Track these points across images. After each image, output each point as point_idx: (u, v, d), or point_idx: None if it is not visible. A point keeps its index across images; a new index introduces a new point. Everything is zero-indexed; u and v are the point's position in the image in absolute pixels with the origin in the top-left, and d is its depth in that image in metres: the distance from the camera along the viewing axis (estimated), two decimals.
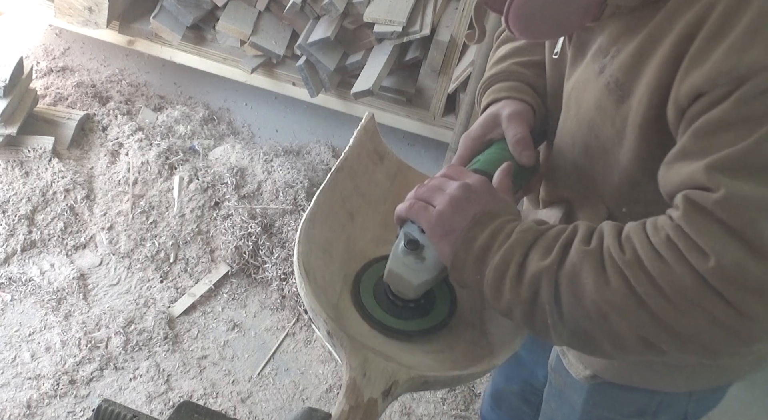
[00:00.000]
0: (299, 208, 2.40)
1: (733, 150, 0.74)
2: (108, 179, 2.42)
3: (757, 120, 0.73)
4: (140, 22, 2.67)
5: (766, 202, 0.72)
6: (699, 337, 0.75)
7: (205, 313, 2.25)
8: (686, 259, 0.74)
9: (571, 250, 0.81)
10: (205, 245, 2.35)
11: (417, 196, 0.93)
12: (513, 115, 1.05)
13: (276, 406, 2.08)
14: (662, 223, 0.78)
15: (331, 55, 2.53)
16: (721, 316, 0.73)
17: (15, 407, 1.92)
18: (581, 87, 0.96)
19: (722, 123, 0.75)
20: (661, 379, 1.12)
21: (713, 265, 0.72)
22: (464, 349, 0.98)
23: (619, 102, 0.88)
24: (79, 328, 2.10)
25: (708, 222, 0.74)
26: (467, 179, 0.92)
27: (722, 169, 0.74)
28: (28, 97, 2.45)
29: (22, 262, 2.22)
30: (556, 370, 1.28)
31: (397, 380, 0.87)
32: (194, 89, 2.91)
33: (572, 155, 1.01)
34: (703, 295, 0.73)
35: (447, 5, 2.63)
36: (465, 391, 2.18)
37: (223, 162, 2.51)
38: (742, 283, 0.72)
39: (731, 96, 0.74)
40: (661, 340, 0.77)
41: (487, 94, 1.14)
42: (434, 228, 0.89)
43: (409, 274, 0.95)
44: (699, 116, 0.77)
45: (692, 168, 0.77)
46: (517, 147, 1.02)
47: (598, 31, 0.93)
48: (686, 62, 0.79)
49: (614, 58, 0.88)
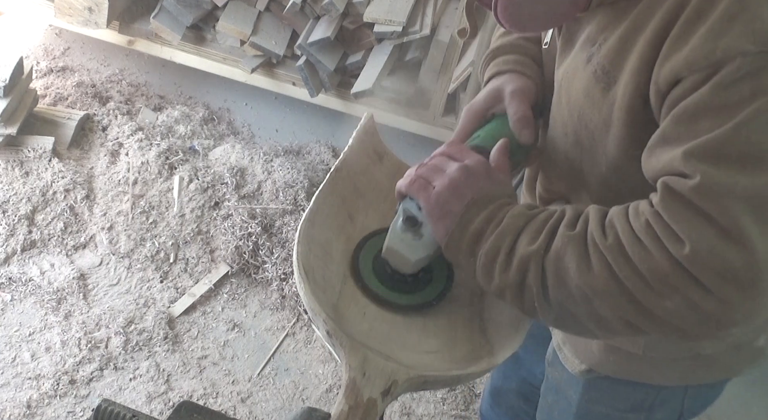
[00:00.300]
0: (299, 208, 2.40)
1: (709, 137, 0.75)
2: (108, 179, 2.42)
3: (734, 107, 0.74)
4: (140, 22, 2.68)
5: (741, 189, 0.73)
6: (677, 321, 0.77)
7: (205, 313, 2.25)
8: (664, 245, 0.75)
9: (556, 235, 0.83)
10: (205, 245, 2.35)
11: (418, 174, 0.94)
12: (516, 91, 1.05)
13: (276, 406, 2.08)
14: (643, 208, 0.79)
15: (331, 55, 2.53)
16: (698, 301, 0.74)
17: (15, 407, 1.92)
18: (570, 76, 0.96)
19: (700, 109, 0.76)
20: (655, 373, 1.13)
21: (688, 251, 0.73)
22: (464, 348, 0.98)
23: (606, 89, 0.89)
24: (79, 328, 2.10)
25: (684, 208, 0.75)
26: (466, 160, 0.94)
27: (699, 156, 0.75)
28: (28, 97, 2.45)
29: (22, 262, 2.22)
30: (552, 364, 1.28)
31: (397, 380, 0.87)
32: (194, 89, 2.91)
33: (565, 146, 1.02)
34: (680, 281, 0.74)
35: (447, 5, 2.63)
36: (465, 391, 2.18)
37: (223, 162, 2.51)
38: (717, 268, 0.73)
39: (708, 81, 0.75)
40: (641, 323, 0.79)
41: (491, 66, 1.14)
42: (432, 209, 0.91)
43: (406, 251, 0.97)
44: (678, 101, 0.78)
45: (671, 154, 0.78)
46: (517, 124, 1.03)
47: (586, 21, 0.93)
48: (666, 47, 0.79)
49: (601, 46, 0.89)
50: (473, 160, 0.94)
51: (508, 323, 0.99)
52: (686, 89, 0.77)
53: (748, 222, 0.72)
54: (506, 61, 1.12)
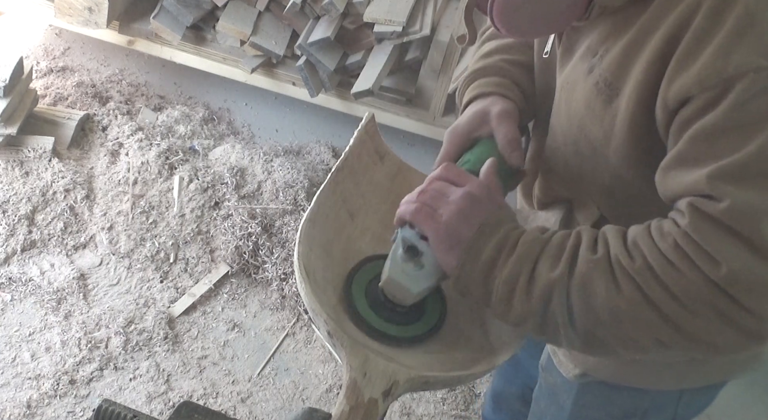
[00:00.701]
0: (299, 208, 2.40)
1: (733, 159, 0.75)
2: (108, 179, 2.42)
3: (753, 125, 0.74)
4: (140, 22, 2.67)
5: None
6: (713, 338, 0.77)
7: (205, 313, 2.25)
8: (697, 266, 0.75)
9: (578, 260, 0.81)
10: (205, 245, 2.35)
11: (422, 201, 0.91)
12: (503, 113, 1.04)
13: (276, 406, 2.08)
14: (669, 229, 0.79)
15: (331, 55, 2.53)
16: (736, 318, 0.75)
17: (15, 407, 1.92)
18: (570, 87, 0.96)
19: (718, 129, 0.76)
20: (650, 377, 1.12)
21: (725, 271, 0.74)
22: (465, 349, 0.98)
23: (608, 102, 0.88)
24: (79, 328, 2.10)
25: (715, 230, 0.75)
26: (468, 186, 0.91)
27: (725, 178, 0.75)
28: (28, 97, 2.45)
29: (22, 262, 2.22)
30: (546, 369, 1.28)
31: (398, 380, 0.87)
32: (194, 89, 2.91)
33: (564, 155, 1.01)
34: (717, 300, 0.75)
35: (447, 5, 2.63)
36: (465, 391, 2.18)
37: (223, 162, 2.51)
38: (754, 286, 0.74)
39: (723, 100, 0.75)
40: (673, 341, 0.79)
41: (471, 88, 1.12)
42: (441, 239, 0.89)
43: (408, 282, 0.94)
44: (692, 121, 0.78)
45: (694, 176, 0.77)
46: (507, 147, 1.02)
47: (587, 31, 0.92)
48: (673, 64, 0.79)
49: (603, 57, 0.88)
50: (475, 186, 0.91)
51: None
52: (699, 108, 0.77)
53: None
54: (488, 83, 1.10)
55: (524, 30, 0.91)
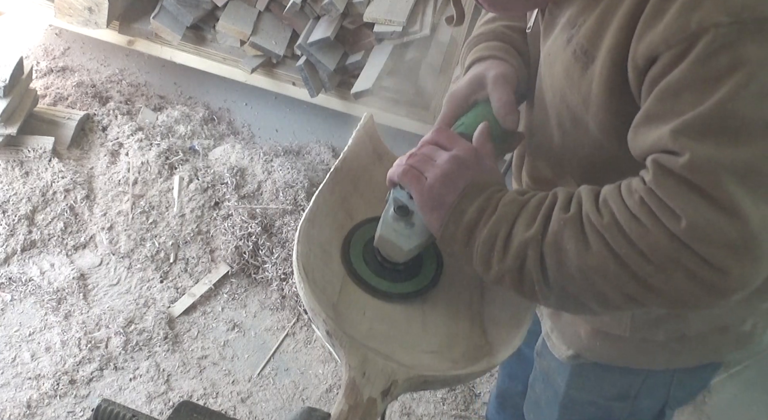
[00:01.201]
0: (299, 208, 2.40)
1: (694, 113, 0.76)
2: (108, 179, 2.42)
3: (714, 80, 0.75)
4: (140, 22, 2.67)
5: (730, 162, 0.74)
6: (679, 293, 0.78)
7: (205, 313, 2.25)
8: (660, 221, 0.77)
9: (552, 219, 0.84)
10: (205, 245, 2.35)
11: (409, 164, 0.95)
12: (498, 77, 1.05)
13: (276, 406, 2.08)
14: (635, 186, 0.80)
15: (331, 55, 2.53)
16: (698, 272, 0.76)
17: (15, 407, 1.93)
18: (552, 59, 0.97)
19: (681, 85, 0.77)
20: (642, 356, 1.14)
21: (685, 225, 0.75)
22: (463, 348, 0.98)
23: (584, 68, 0.89)
24: (79, 328, 2.10)
25: (677, 185, 0.76)
26: (456, 149, 0.94)
27: (686, 133, 0.76)
28: (28, 97, 2.45)
29: (22, 262, 2.23)
30: (541, 354, 1.29)
31: (397, 380, 0.87)
32: (194, 89, 2.91)
33: (548, 130, 1.02)
34: (680, 254, 0.76)
35: (447, 5, 2.63)
36: (465, 391, 2.18)
37: (223, 162, 2.51)
38: (714, 240, 0.75)
39: (686, 56, 0.76)
40: (642, 296, 0.80)
41: (473, 52, 1.14)
42: (425, 201, 0.92)
43: (399, 240, 0.98)
44: (659, 78, 0.79)
45: (658, 132, 0.79)
46: (501, 110, 1.03)
47: (567, 4, 0.93)
48: (641, 24, 0.80)
49: (580, 27, 0.89)
50: (463, 149, 0.94)
51: (508, 323, 0.99)
52: (665, 65, 0.78)
53: (740, 193, 0.74)
54: (487, 47, 1.11)
55: (507, 5, 0.94)
